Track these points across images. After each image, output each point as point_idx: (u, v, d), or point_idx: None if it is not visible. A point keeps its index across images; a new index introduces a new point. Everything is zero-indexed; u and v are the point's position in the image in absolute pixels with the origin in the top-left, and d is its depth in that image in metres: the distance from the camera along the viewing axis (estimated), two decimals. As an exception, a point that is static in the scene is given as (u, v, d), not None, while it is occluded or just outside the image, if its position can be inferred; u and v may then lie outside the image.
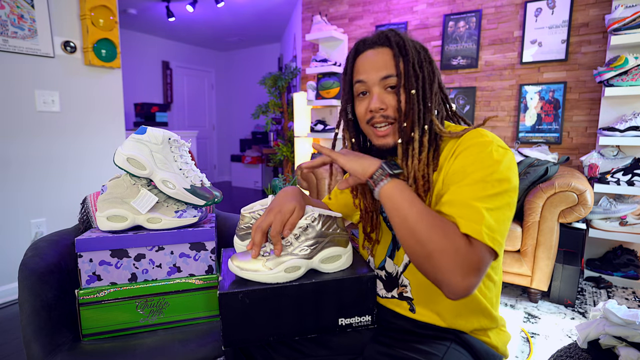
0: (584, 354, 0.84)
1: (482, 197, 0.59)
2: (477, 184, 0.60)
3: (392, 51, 0.69)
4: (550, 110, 2.53)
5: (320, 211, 0.72)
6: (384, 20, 3.13)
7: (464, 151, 0.65)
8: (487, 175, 0.60)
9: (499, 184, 0.60)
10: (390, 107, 0.69)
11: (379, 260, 0.80)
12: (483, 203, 0.58)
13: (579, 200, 1.73)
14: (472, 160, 0.63)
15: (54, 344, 0.82)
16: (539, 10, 2.51)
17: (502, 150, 0.64)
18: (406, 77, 0.67)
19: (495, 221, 0.58)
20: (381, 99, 0.69)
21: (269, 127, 4.38)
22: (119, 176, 0.92)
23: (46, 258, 0.91)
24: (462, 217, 0.58)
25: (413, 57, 0.68)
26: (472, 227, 0.57)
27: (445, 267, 0.55)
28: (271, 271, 0.68)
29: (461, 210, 0.59)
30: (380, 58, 0.69)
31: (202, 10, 4.31)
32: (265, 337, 0.69)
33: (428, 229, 0.57)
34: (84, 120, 2.21)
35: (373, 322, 0.73)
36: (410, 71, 0.67)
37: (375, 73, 0.69)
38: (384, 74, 0.69)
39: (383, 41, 0.70)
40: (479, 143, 0.64)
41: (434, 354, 0.66)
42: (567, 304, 1.87)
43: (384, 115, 0.70)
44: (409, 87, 0.67)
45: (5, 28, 1.85)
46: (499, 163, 0.61)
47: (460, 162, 0.64)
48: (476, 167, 0.62)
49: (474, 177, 0.61)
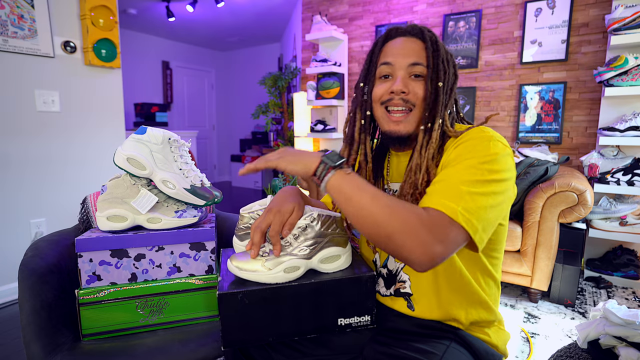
0: (584, 354, 0.84)
1: (469, 181, 0.59)
2: (468, 169, 0.61)
3: (424, 44, 0.71)
4: (550, 110, 2.53)
5: (319, 211, 0.72)
6: (384, 20, 3.13)
7: (464, 143, 0.66)
8: (479, 163, 0.61)
9: (489, 173, 0.60)
10: (412, 93, 0.70)
11: (383, 258, 0.80)
12: (468, 187, 0.59)
13: (579, 200, 1.73)
14: (469, 149, 0.64)
15: (54, 344, 0.82)
16: (539, 10, 2.51)
17: (501, 145, 0.64)
18: (435, 70, 0.69)
19: (475, 205, 0.58)
20: (405, 83, 0.70)
21: (269, 127, 4.38)
22: (119, 176, 0.92)
23: (46, 258, 0.91)
24: (440, 195, 0.59)
25: (443, 54, 0.70)
26: (447, 205, 0.57)
27: (408, 245, 0.55)
28: (270, 271, 0.68)
29: (443, 189, 0.60)
30: (411, 46, 0.71)
31: (202, 10, 4.31)
32: (264, 337, 0.69)
33: (384, 210, 0.57)
34: (84, 120, 2.21)
35: (372, 322, 0.72)
36: (440, 65, 0.69)
37: (404, 58, 0.71)
38: (412, 60, 0.70)
39: (417, 32, 0.72)
40: (479, 137, 0.65)
41: (433, 353, 0.66)
42: (567, 304, 1.87)
43: (404, 99, 0.70)
44: (437, 79, 0.69)
45: (5, 28, 1.85)
46: (495, 155, 0.62)
47: (458, 150, 0.65)
48: (471, 155, 0.62)
49: (466, 163, 0.62)
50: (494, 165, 0.61)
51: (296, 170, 0.65)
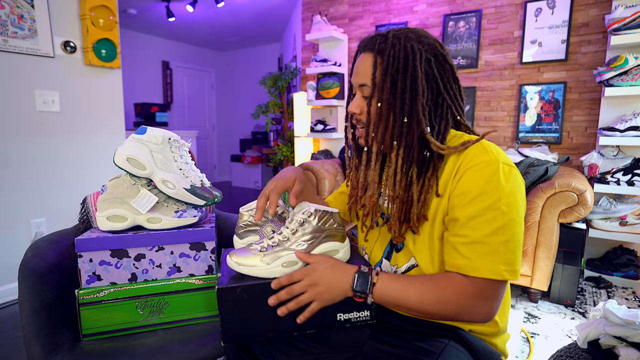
0: (584, 354, 0.84)
1: (494, 231, 0.60)
2: (487, 213, 0.60)
3: (373, 59, 0.69)
4: (550, 110, 2.53)
5: (316, 206, 0.73)
6: (384, 20, 3.13)
7: (468, 171, 0.63)
8: (496, 201, 0.60)
9: (509, 209, 0.60)
10: (364, 114, 0.72)
11: (374, 262, 0.80)
12: (496, 237, 0.60)
13: (579, 200, 1.73)
14: (479, 185, 0.61)
15: (54, 344, 0.82)
16: (539, 10, 2.51)
17: (507, 167, 0.63)
18: (379, 87, 0.67)
19: (510, 251, 0.60)
20: (357, 103, 0.72)
21: (269, 127, 4.38)
22: (119, 176, 0.92)
23: (46, 258, 0.90)
24: (476, 258, 0.61)
25: (393, 67, 0.66)
26: (488, 269, 0.60)
27: (467, 319, 0.64)
28: (268, 266, 0.69)
29: (476, 250, 0.61)
30: (362, 65, 0.71)
31: (202, 10, 4.31)
32: (264, 332, 0.69)
33: (433, 306, 0.63)
34: (84, 120, 2.21)
35: (372, 318, 0.72)
36: (382, 83, 0.67)
37: (356, 78, 0.72)
38: (360, 82, 0.71)
39: (370, 46, 0.70)
40: (484, 162, 0.62)
41: (432, 351, 0.66)
42: (567, 304, 1.87)
43: (357, 119, 0.73)
44: (381, 98, 0.67)
45: (5, 28, 1.85)
46: (505, 185, 0.61)
47: (466, 184, 0.63)
48: (484, 191, 0.61)
49: (482, 205, 0.60)
50: (509, 197, 0.61)
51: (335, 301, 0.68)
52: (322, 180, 2.54)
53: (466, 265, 0.61)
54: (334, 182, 2.58)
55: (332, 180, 2.58)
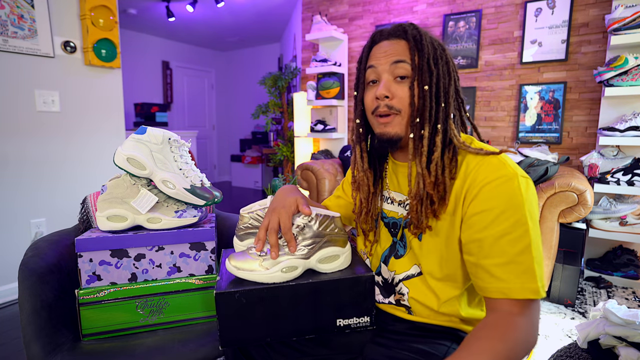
0: (584, 354, 0.84)
1: (525, 249, 0.58)
2: (515, 231, 0.58)
3: (408, 44, 0.67)
4: (550, 110, 2.53)
5: (317, 211, 0.71)
6: (384, 20, 3.13)
7: (487, 186, 0.61)
8: (521, 217, 0.58)
9: (532, 222, 0.59)
10: (397, 98, 0.66)
11: (374, 266, 0.79)
12: (529, 254, 0.58)
13: (579, 200, 1.73)
14: (502, 200, 0.59)
15: (54, 344, 0.82)
16: (539, 10, 2.51)
17: (525, 180, 0.61)
18: (420, 71, 0.65)
19: (540, 266, 0.59)
20: (388, 87, 0.66)
21: (269, 127, 4.38)
22: (119, 176, 0.92)
23: (46, 258, 0.91)
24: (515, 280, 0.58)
25: (429, 52, 0.65)
26: (530, 289, 0.57)
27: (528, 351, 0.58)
28: (268, 271, 0.68)
29: (513, 271, 0.58)
30: (394, 48, 0.67)
31: (202, 10, 4.31)
32: (262, 337, 0.69)
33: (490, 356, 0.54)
34: (84, 120, 2.21)
35: (372, 324, 0.72)
36: (425, 66, 0.65)
37: (386, 58, 0.67)
38: (395, 58, 0.66)
39: (399, 33, 0.68)
40: (504, 177, 0.60)
41: (434, 354, 0.66)
42: (567, 304, 1.87)
43: (389, 105, 0.66)
44: (423, 82, 0.64)
45: (5, 28, 1.85)
46: (527, 198, 0.60)
47: (487, 201, 0.61)
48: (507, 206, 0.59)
49: (508, 222, 0.59)
50: (532, 210, 0.60)
51: None
52: (322, 180, 2.54)
53: (506, 288, 0.58)
54: (334, 182, 2.58)
55: (332, 180, 2.58)
